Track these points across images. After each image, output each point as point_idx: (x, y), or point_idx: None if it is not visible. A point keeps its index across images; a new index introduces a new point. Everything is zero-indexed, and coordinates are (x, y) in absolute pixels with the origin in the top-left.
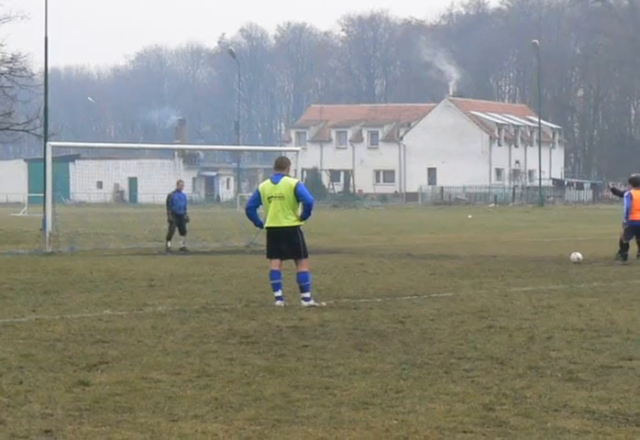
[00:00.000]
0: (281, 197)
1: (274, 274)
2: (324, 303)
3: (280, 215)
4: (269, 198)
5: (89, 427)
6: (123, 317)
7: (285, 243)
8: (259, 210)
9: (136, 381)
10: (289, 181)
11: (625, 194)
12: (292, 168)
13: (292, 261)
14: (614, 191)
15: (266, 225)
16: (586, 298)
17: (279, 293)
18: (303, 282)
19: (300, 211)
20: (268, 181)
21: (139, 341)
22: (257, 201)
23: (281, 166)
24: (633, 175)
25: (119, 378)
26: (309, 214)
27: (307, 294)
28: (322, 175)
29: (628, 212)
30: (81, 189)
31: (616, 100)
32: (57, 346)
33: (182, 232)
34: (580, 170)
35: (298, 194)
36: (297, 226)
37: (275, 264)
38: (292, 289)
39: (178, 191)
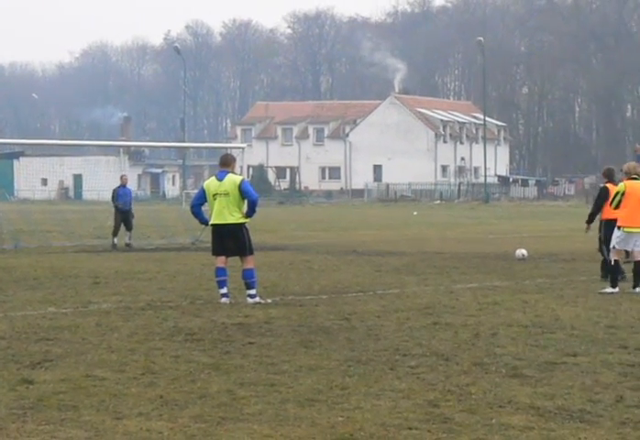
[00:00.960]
0: (227, 194)
1: (219, 271)
2: (269, 300)
3: (225, 212)
4: (214, 195)
5: (33, 425)
6: (67, 315)
7: (231, 240)
8: (205, 207)
9: (80, 379)
10: (234, 178)
11: None
12: (237, 165)
13: (237, 258)
14: None
15: (211, 222)
16: (531, 294)
17: (224, 291)
18: (248, 279)
19: (245, 208)
20: (213, 178)
21: (84, 339)
22: (202, 198)
23: (226, 163)
24: None
25: (63, 376)
26: (254, 211)
27: (253, 291)
28: (268, 172)
29: None
30: (25, 186)
31: (560, 97)
32: (0, 344)
33: (129, 227)
34: (525, 167)
35: (242, 191)
36: (242, 223)
37: (220, 261)
38: (237, 286)
39: (122, 185)
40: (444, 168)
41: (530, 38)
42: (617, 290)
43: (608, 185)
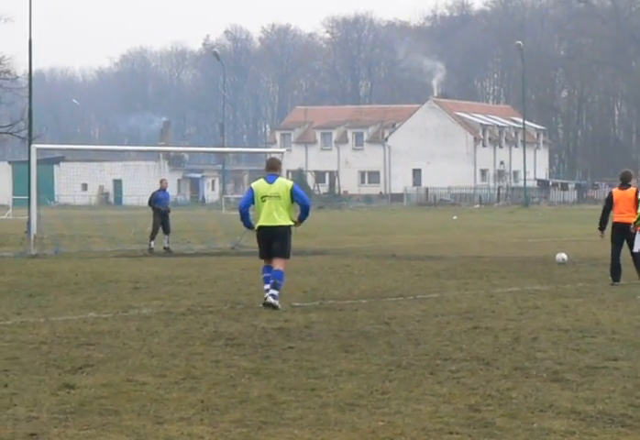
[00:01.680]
0: (277, 197)
1: (266, 268)
2: (296, 304)
3: (274, 215)
4: (262, 197)
5: (74, 430)
6: (108, 320)
7: (276, 242)
8: (250, 210)
9: (121, 384)
10: (285, 182)
11: None
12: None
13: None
14: None
15: (259, 224)
16: (571, 299)
17: (267, 287)
18: (277, 280)
19: (295, 212)
20: (262, 180)
21: (125, 343)
22: (250, 200)
23: (274, 166)
24: None
25: (104, 380)
26: (307, 215)
27: (276, 293)
28: (307, 176)
29: None
30: (65, 191)
31: (600, 101)
32: (42, 349)
33: (166, 231)
34: (565, 171)
35: (295, 195)
36: (290, 226)
37: (267, 263)
38: (282, 291)
39: (162, 189)
40: (483, 172)
41: (569, 42)
42: None
43: (614, 190)
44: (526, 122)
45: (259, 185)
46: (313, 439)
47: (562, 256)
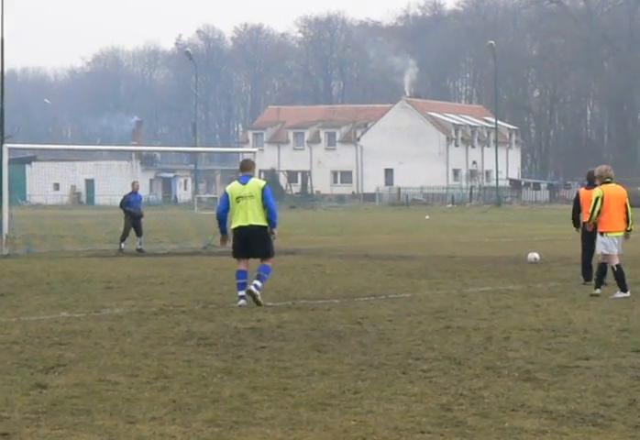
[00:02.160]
0: (252, 196)
1: (240, 274)
2: (269, 303)
3: (249, 214)
4: (237, 198)
5: (46, 430)
6: (80, 319)
7: (255, 242)
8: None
9: (93, 384)
10: (258, 182)
11: None
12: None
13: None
14: None
15: (235, 225)
16: (543, 298)
17: (242, 293)
18: (262, 272)
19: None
20: (235, 182)
21: (97, 343)
22: (226, 204)
23: (247, 167)
24: None
25: (77, 380)
26: (276, 217)
27: (259, 283)
28: (279, 176)
29: None
30: (37, 191)
31: (572, 101)
32: (13, 349)
33: (139, 233)
34: (537, 171)
35: (264, 197)
36: (266, 226)
37: (242, 264)
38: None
39: (134, 192)
40: (455, 172)
41: (541, 42)
42: (629, 293)
43: (580, 190)
44: (499, 122)
45: (233, 187)
46: (285, 439)
47: (534, 255)
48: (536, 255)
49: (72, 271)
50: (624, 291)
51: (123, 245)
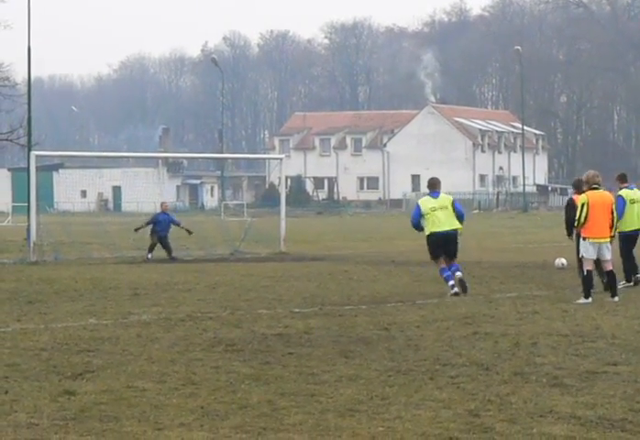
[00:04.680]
0: (446, 208)
1: (444, 270)
2: (296, 309)
3: (446, 222)
4: (431, 208)
5: (75, 436)
6: (108, 326)
7: (451, 244)
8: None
9: (121, 390)
10: (447, 197)
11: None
12: (276, 175)
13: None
14: None
15: (434, 229)
16: (570, 304)
17: (452, 282)
18: (457, 270)
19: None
20: (428, 197)
21: (124, 350)
22: (419, 214)
23: (436, 183)
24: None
25: (105, 387)
26: (463, 220)
27: (460, 274)
28: (306, 183)
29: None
30: (65, 198)
31: (599, 106)
32: (42, 356)
33: (169, 251)
34: (564, 176)
35: (455, 207)
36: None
37: (443, 262)
38: (277, 296)
39: (163, 212)
40: (482, 177)
41: (568, 47)
42: (590, 300)
43: (574, 196)
44: (525, 127)
45: (425, 201)
46: None
47: (561, 261)
48: (564, 260)
49: (100, 278)
50: (587, 297)
51: (150, 255)
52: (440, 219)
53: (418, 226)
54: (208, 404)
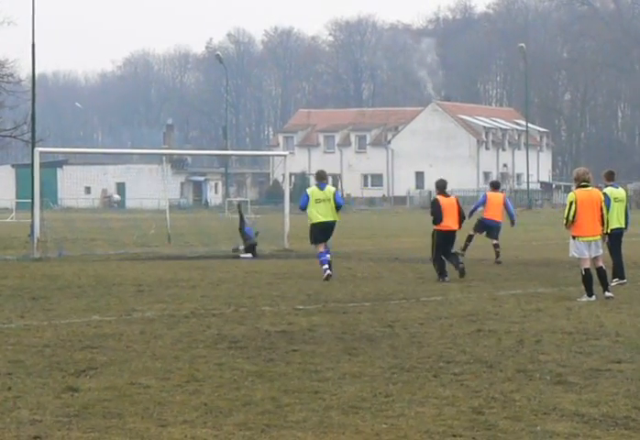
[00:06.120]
0: (328, 200)
1: (322, 254)
2: (300, 306)
3: (327, 213)
4: (317, 199)
5: (78, 433)
6: (111, 323)
7: (330, 232)
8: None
9: (125, 387)
10: (331, 189)
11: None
12: (280, 172)
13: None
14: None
15: (319, 220)
16: (574, 301)
17: (326, 266)
18: (328, 254)
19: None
20: (315, 188)
21: (128, 346)
22: (307, 202)
23: (324, 176)
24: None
25: (108, 383)
26: (340, 209)
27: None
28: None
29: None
30: (69, 194)
31: (603, 103)
32: (45, 352)
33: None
34: (568, 173)
35: (336, 199)
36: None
37: (321, 247)
38: (280, 293)
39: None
40: (486, 174)
41: (572, 44)
42: (594, 298)
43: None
44: (529, 124)
45: (314, 191)
46: None
47: (116, 196)
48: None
49: (104, 275)
50: (590, 295)
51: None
52: (323, 211)
53: (304, 209)
54: (212, 401)
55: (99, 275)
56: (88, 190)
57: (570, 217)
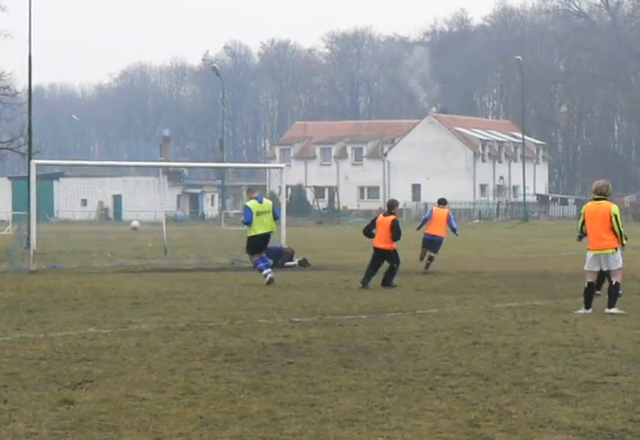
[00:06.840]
0: (268, 212)
1: (259, 261)
2: (296, 319)
3: (267, 225)
4: (257, 212)
5: None
6: (107, 335)
7: (267, 242)
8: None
9: (120, 400)
10: (269, 202)
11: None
12: (276, 185)
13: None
14: None
15: (259, 231)
16: (571, 314)
17: (266, 272)
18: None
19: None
20: (254, 201)
21: (124, 359)
22: (251, 216)
23: (258, 190)
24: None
25: (104, 396)
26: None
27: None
28: (306, 192)
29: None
30: (65, 207)
31: (599, 116)
32: (41, 365)
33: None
34: (564, 186)
35: (274, 212)
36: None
37: (257, 256)
38: (276, 305)
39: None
40: (482, 187)
41: (569, 57)
42: (590, 311)
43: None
44: (526, 137)
45: (255, 205)
46: None
47: (135, 223)
48: (137, 223)
49: (100, 287)
50: (587, 308)
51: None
52: (264, 223)
53: (249, 223)
54: (207, 414)
55: (95, 288)
56: (84, 202)
57: (578, 228)
